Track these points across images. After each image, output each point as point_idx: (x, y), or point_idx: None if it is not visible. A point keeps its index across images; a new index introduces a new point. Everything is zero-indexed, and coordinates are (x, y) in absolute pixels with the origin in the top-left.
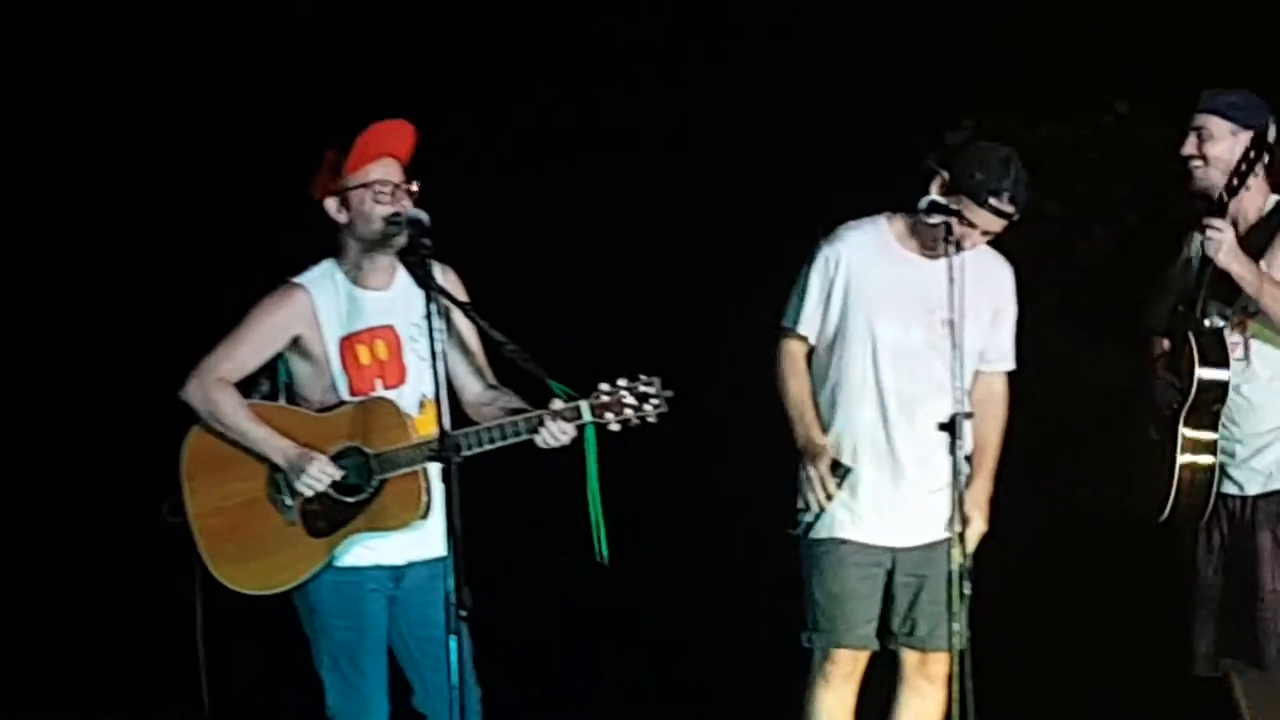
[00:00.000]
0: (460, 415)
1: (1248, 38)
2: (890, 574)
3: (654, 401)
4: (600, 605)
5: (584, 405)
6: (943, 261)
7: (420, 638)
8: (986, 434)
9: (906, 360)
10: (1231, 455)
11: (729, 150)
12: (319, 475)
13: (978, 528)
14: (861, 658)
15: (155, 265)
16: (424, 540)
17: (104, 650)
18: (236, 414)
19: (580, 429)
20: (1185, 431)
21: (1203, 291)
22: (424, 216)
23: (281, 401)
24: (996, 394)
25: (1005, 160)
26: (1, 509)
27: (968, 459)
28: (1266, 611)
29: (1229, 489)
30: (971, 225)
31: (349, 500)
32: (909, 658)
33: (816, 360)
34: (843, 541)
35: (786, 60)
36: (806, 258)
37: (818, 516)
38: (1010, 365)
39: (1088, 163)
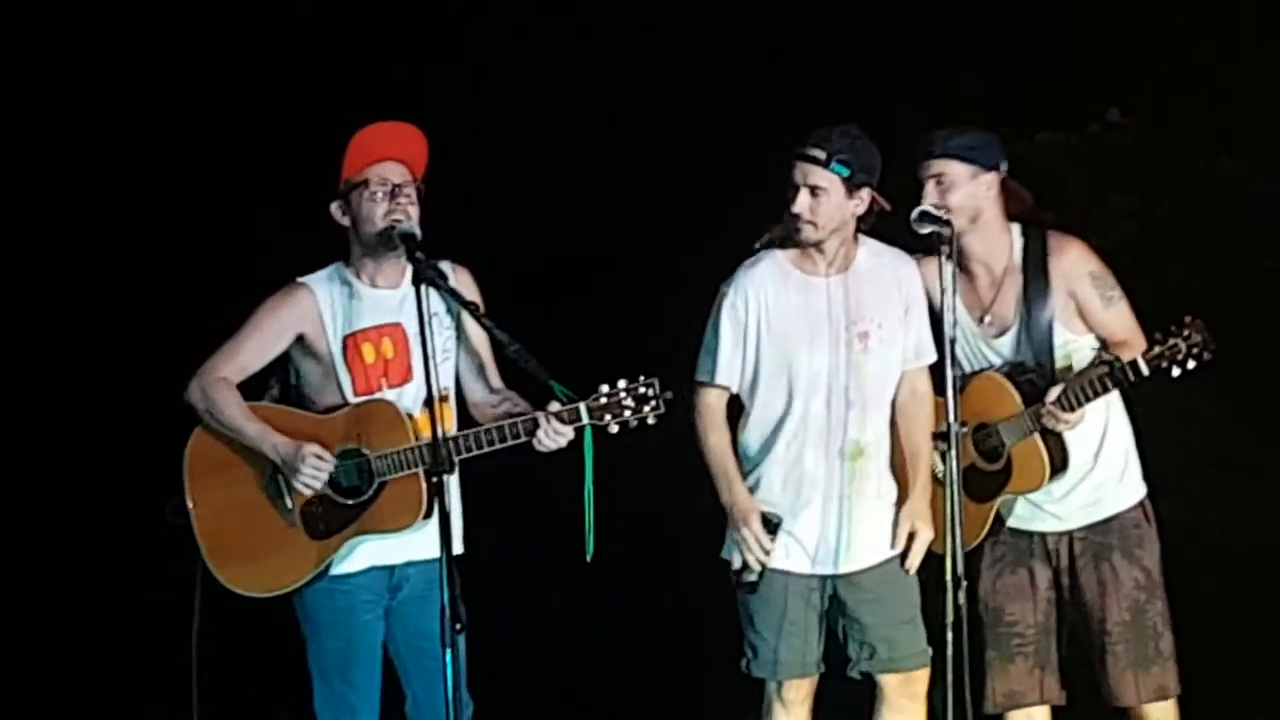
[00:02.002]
0: (465, 416)
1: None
2: (835, 600)
3: (652, 403)
4: (595, 613)
5: (582, 407)
6: (843, 276)
7: (415, 649)
8: (916, 440)
9: (829, 384)
10: (1047, 492)
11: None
12: (315, 467)
13: (925, 536)
14: (814, 679)
15: (165, 267)
16: (423, 540)
17: (94, 652)
18: (232, 411)
19: (579, 431)
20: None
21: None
22: (416, 230)
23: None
24: (921, 393)
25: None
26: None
27: (895, 470)
28: (1118, 645)
29: (1047, 525)
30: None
31: (349, 502)
32: (889, 680)
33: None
34: (783, 573)
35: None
36: (714, 308)
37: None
38: (929, 358)
39: (1082, 172)
